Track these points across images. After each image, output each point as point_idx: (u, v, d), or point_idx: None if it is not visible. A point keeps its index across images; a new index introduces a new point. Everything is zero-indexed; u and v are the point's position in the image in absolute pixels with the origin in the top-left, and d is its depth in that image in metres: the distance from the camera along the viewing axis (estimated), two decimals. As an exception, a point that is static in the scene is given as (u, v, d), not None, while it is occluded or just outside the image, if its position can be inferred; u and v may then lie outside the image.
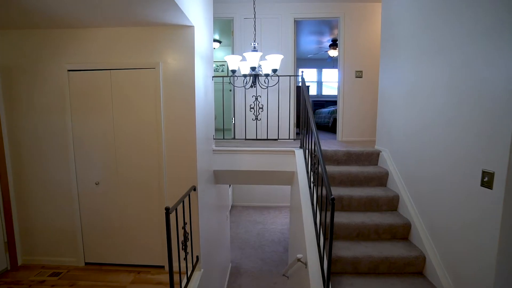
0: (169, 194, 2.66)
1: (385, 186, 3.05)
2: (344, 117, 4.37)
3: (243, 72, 2.79)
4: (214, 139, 3.39)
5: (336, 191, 2.80)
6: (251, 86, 2.81)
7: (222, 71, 6.71)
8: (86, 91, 2.62)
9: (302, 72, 3.22)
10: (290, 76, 3.47)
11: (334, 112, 5.92)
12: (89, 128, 2.66)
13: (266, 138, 3.48)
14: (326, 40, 6.31)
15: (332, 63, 7.65)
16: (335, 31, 5.77)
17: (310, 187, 2.69)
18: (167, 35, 2.51)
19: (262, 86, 2.82)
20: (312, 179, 2.65)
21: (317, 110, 7.11)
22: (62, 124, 2.64)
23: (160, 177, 2.65)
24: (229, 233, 5.61)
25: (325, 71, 8.81)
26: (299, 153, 3.12)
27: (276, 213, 7.41)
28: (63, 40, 2.55)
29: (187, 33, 2.50)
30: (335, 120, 5.85)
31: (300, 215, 2.65)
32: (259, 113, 3.27)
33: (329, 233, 1.82)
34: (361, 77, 4.30)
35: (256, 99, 3.26)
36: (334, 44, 6.12)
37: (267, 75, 2.76)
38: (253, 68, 2.47)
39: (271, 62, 2.54)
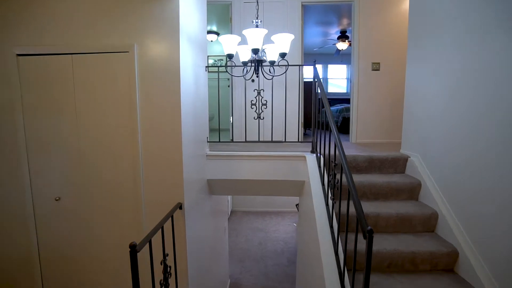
0: (149, 212, 2.08)
1: (417, 200, 2.46)
2: (358, 115, 3.78)
3: (242, 59, 2.21)
4: (208, 142, 2.80)
5: (359, 208, 2.21)
6: (252, 80, 2.24)
7: (222, 66, 6.12)
8: (41, 81, 2.03)
9: (315, 61, 2.64)
10: (300, 65, 2.87)
11: (343, 110, 5.34)
12: (47, 129, 2.07)
13: (270, 140, 2.90)
14: (334, 32, 5.72)
15: (340, 57, 7.04)
16: (344, 21, 5.19)
17: (327, 204, 2.11)
18: (144, 9, 1.92)
19: (266, 77, 2.24)
20: (330, 195, 2.07)
21: (323, 109, 6.52)
22: (11, 125, 2.05)
23: (136, 190, 2.06)
24: (228, 244, 5.04)
25: (330, 67, 8.20)
26: (311, 160, 2.53)
27: (278, 219, 6.83)
28: (10, 15, 1.96)
29: (169, 7, 1.91)
30: (344, 119, 5.27)
31: (314, 237, 2.08)
32: (262, 111, 2.68)
33: (363, 279, 1.25)
34: (378, 69, 3.71)
35: (259, 93, 2.68)
36: (343, 36, 5.53)
37: (272, 63, 2.17)
38: (255, 51, 1.88)
39: (279, 43, 1.96)
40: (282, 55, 1.98)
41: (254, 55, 1.95)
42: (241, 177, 2.73)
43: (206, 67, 2.70)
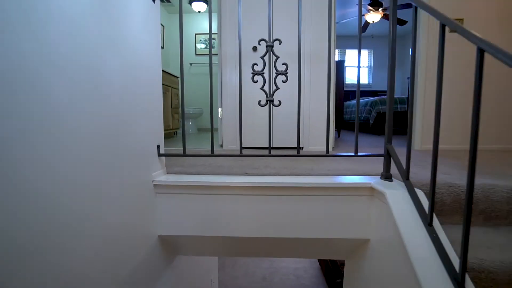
0: None
1: None
2: (425, 107, 2.29)
3: None
4: (160, 155, 1.30)
5: None
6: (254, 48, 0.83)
7: (213, 47, 4.62)
8: None
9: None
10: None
11: (377, 103, 3.83)
12: None
13: (297, 147, 1.41)
14: None
15: (371, 37, 5.41)
16: (379, -19, 3.67)
17: None
18: None
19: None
20: None
21: (344, 103, 5.02)
22: None
23: None
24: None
25: (349, 53, 6.56)
26: (399, 201, 1.02)
27: (286, 242, 5.33)
28: None
29: None
30: (379, 115, 3.78)
31: None
32: (278, 87, 1.18)
33: None
34: (459, 31, 2.20)
35: (271, 49, 1.17)
36: (375, 4, 4.01)
37: None
38: None
39: None
40: None
41: None
42: (229, 232, 1.23)
43: (155, -7, 1.20)
